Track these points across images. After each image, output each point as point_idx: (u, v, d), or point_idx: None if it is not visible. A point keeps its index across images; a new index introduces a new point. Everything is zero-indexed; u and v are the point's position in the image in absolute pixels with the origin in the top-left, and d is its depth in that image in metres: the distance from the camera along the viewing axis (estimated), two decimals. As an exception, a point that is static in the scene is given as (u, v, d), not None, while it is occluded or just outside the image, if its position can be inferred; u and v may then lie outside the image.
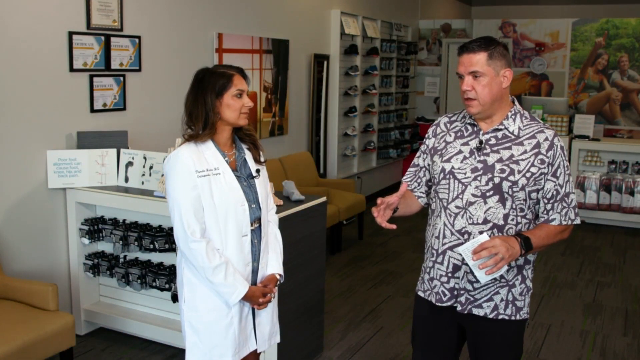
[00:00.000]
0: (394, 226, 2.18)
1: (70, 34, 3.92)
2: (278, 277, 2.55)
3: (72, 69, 3.96)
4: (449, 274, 2.27)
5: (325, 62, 7.01)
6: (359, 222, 6.58)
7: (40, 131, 3.82)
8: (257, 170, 2.49)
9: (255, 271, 2.49)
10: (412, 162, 2.48)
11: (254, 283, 2.49)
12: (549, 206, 2.22)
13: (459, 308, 2.28)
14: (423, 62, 9.93)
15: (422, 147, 2.44)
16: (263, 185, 2.51)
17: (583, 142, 7.36)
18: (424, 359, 2.44)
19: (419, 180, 2.45)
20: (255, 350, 2.55)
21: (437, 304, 2.33)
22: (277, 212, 2.69)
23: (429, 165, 2.40)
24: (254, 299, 2.42)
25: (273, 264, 2.55)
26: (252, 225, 2.44)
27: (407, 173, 2.49)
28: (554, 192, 2.21)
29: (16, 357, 3.00)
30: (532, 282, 2.34)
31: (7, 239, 3.71)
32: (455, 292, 2.28)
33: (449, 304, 2.30)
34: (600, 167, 7.35)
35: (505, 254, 2.06)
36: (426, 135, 2.43)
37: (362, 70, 7.63)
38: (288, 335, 3.40)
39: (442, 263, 2.28)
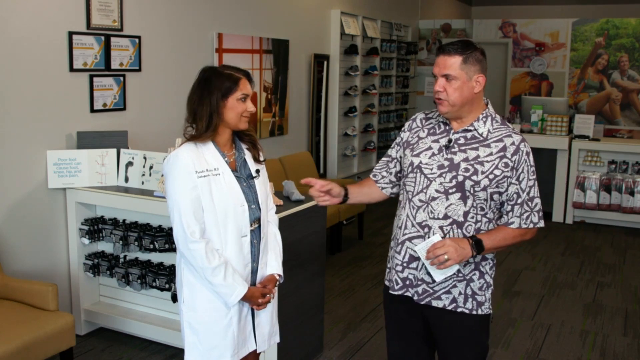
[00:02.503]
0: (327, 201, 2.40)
1: (70, 34, 3.92)
2: (277, 277, 2.55)
3: (72, 69, 3.96)
4: (404, 264, 2.34)
5: (325, 62, 7.01)
6: (359, 222, 6.58)
7: (40, 131, 3.82)
8: (257, 171, 2.49)
9: (254, 271, 2.49)
10: (386, 153, 2.57)
11: (253, 283, 2.49)
12: (508, 208, 2.28)
13: (415, 298, 2.34)
14: (423, 62, 9.94)
15: (397, 140, 2.52)
16: (263, 186, 2.51)
17: (583, 142, 7.36)
18: (394, 346, 2.51)
19: (388, 171, 2.53)
20: (255, 350, 2.55)
21: (390, 291, 2.40)
22: (277, 212, 2.69)
23: (400, 157, 2.47)
24: (253, 299, 2.42)
25: (272, 264, 2.55)
26: (251, 225, 2.44)
27: (379, 162, 2.58)
28: (515, 196, 2.26)
29: (16, 357, 3.01)
30: (491, 278, 2.38)
31: (7, 239, 3.71)
32: (408, 282, 2.34)
33: (399, 292, 2.36)
34: (600, 167, 7.34)
35: (453, 254, 2.16)
36: (402, 129, 2.51)
37: (362, 70, 7.64)
38: (288, 335, 3.40)
39: (399, 252, 2.35)
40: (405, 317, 2.43)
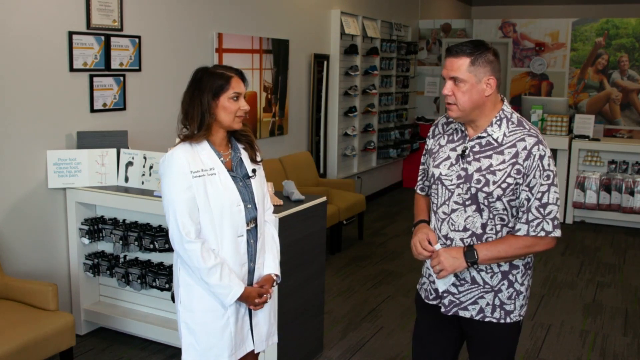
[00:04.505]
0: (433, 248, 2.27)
1: (70, 34, 3.92)
2: (274, 277, 2.54)
3: (72, 69, 3.96)
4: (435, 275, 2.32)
5: (325, 62, 7.01)
6: (359, 222, 6.58)
7: (40, 131, 3.82)
8: (254, 170, 2.49)
9: (251, 272, 2.49)
10: (421, 161, 2.51)
11: (250, 283, 2.49)
12: (519, 214, 2.17)
13: (442, 310, 2.32)
14: (423, 62, 9.94)
15: (425, 146, 2.46)
16: (259, 185, 2.51)
17: (583, 142, 7.37)
18: (420, 351, 2.49)
19: (427, 178, 2.47)
20: (253, 350, 2.54)
21: (425, 300, 2.40)
22: (277, 212, 2.69)
23: (429, 165, 2.43)
24: (250, 299, 2.41)
25: (269, 264, 2.54)
26: (247, 225, 2.43)
27: (419, 173, 2.53)
28: (525, 202, 2.14)
29: (16, 357, 3.01)
30: (523, 285, 2.30)
31: (7, 239, 3.71)
32: (440, 293, 2.33)
33: (434, 302, 2.36)
34: (600, 167, 7.34)
35: (444, 264, 2.17)
36: (427, 135, 2.45)
37: (362, 70, 7.64)
38: (288, 335, 3.40)
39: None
40: (439, 324, 2.39)
